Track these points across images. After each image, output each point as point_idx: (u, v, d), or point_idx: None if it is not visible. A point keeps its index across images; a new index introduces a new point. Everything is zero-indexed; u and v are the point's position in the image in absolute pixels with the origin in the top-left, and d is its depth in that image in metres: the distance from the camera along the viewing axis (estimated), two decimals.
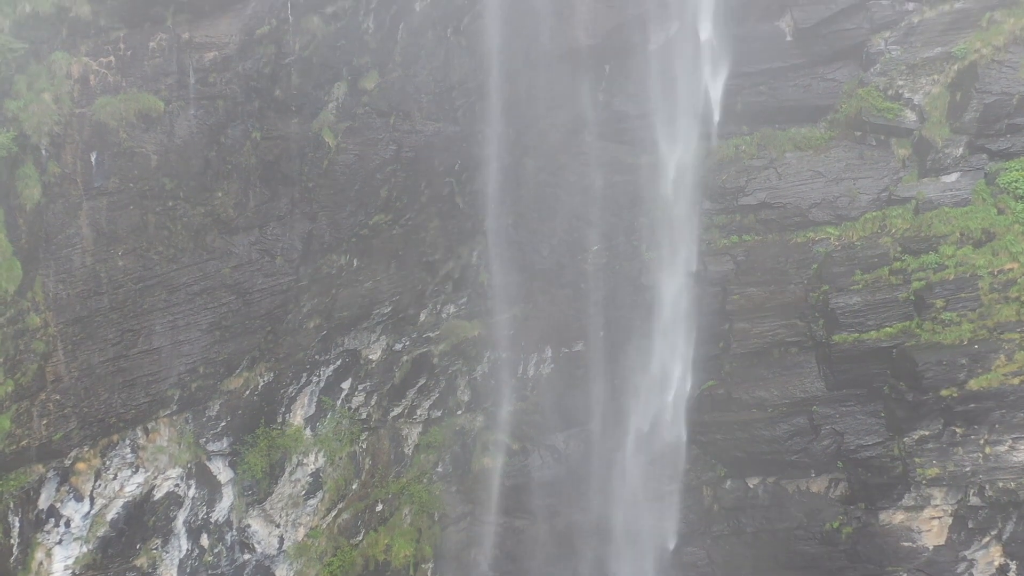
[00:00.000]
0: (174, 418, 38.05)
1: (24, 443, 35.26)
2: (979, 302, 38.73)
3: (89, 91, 35.21)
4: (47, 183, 34.96)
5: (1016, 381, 38.03)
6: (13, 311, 34.62)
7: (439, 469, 42.00)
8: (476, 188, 39.80)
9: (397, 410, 41.35)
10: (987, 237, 39.23)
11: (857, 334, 39.61)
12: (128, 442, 37.53)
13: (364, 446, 41.26)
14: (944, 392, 38.40)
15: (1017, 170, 39.63)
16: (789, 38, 40.80)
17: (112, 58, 35.35)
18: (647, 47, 40.72)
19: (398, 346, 40.76)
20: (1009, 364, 38.13)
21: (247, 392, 38.79)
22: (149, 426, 37.72)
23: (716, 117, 40.93)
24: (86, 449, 36.78)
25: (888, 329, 39.42)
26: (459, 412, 42.13)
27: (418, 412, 41.71)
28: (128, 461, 37.66)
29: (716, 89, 40.81)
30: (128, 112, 35.25)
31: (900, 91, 40.64)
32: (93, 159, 35.32)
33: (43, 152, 34.85)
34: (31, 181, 34.74)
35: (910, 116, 40.62)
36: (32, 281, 35.03)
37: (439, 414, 41.97)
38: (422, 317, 40.71)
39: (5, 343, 34.49)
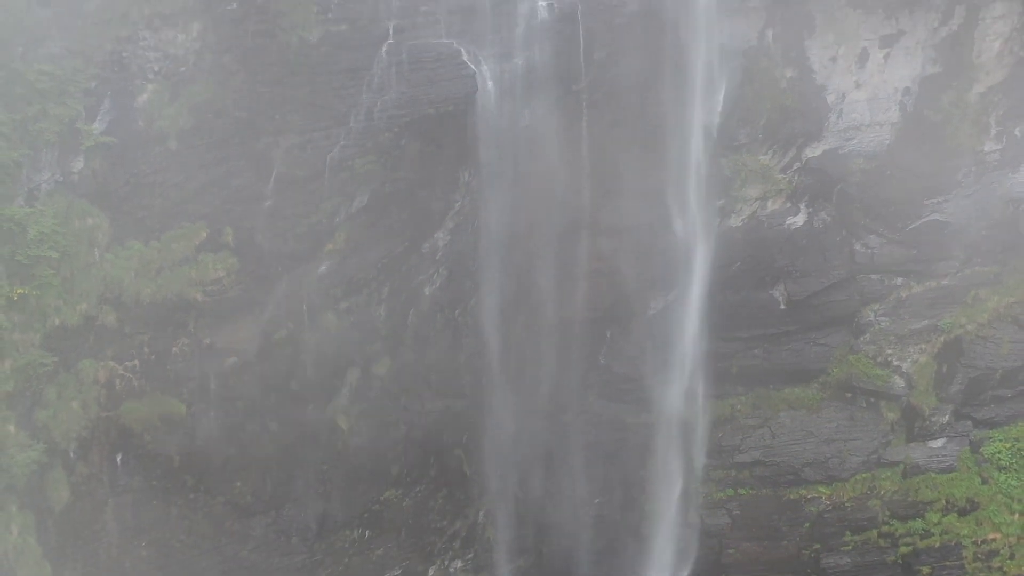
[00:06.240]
0: None
1: None
2: (963, 570, 40.57)
3: (115, 395, 36.62)
4: (75, 483, 36.36)
5: None
6: None
7: None
8: (483, 455, 41.47)
9: None
10: (971, 506, 40.97)
11: None
12: None
13: None
14: None
15: (1000, 440, 41.44)
16: (783, 306, 42.49)
17: (137, 362, 36.76)
18: (646, 312, 42.44)
19: None
20: None
21: None
22: None
23: (712, 378, 42.58)
24: None
25: None
26: None
27: None
28: None
29: (712, 351, 42.40)
30: (152, 416, 36.73)
31: (889, 359, 42.30)
32: (119, 460, 36.86)
33: (71, 455, 36.37)
34: (60, 484, 36.14)
35: (899, 383, 42.29)
36: None
37: None
38: (430, 573, 42.37)
39: None
